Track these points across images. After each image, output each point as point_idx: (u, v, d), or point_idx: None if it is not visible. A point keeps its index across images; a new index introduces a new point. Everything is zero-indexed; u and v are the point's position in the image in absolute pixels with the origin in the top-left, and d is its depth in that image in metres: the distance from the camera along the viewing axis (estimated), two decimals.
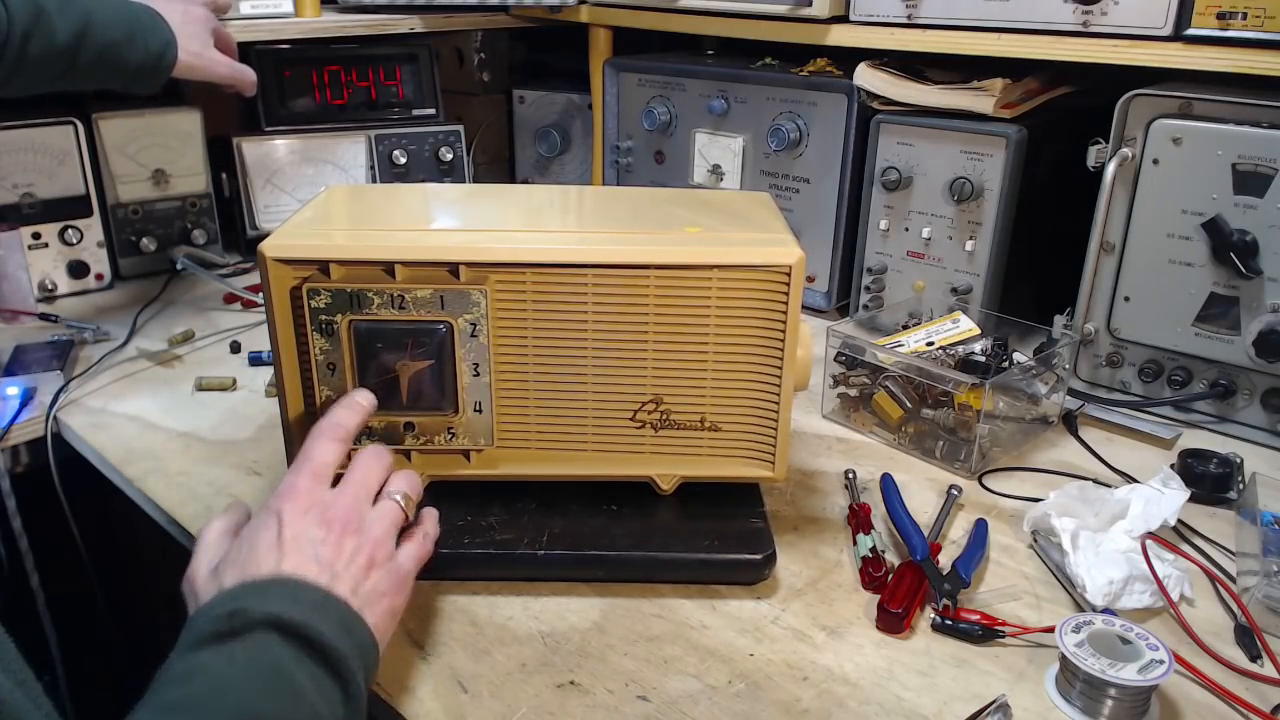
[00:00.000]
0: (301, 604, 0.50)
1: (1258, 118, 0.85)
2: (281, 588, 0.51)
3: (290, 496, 0.56)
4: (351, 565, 0.55)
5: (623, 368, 0.68)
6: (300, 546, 0.54)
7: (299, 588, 0.51)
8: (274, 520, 0.55)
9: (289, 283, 0.65)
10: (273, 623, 0.48)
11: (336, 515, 0.57)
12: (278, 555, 0.53)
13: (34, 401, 0.94)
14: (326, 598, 0.52)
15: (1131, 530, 0.71)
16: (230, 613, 0.48)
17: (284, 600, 0.50)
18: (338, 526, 0.56)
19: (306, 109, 1.39)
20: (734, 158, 1.24)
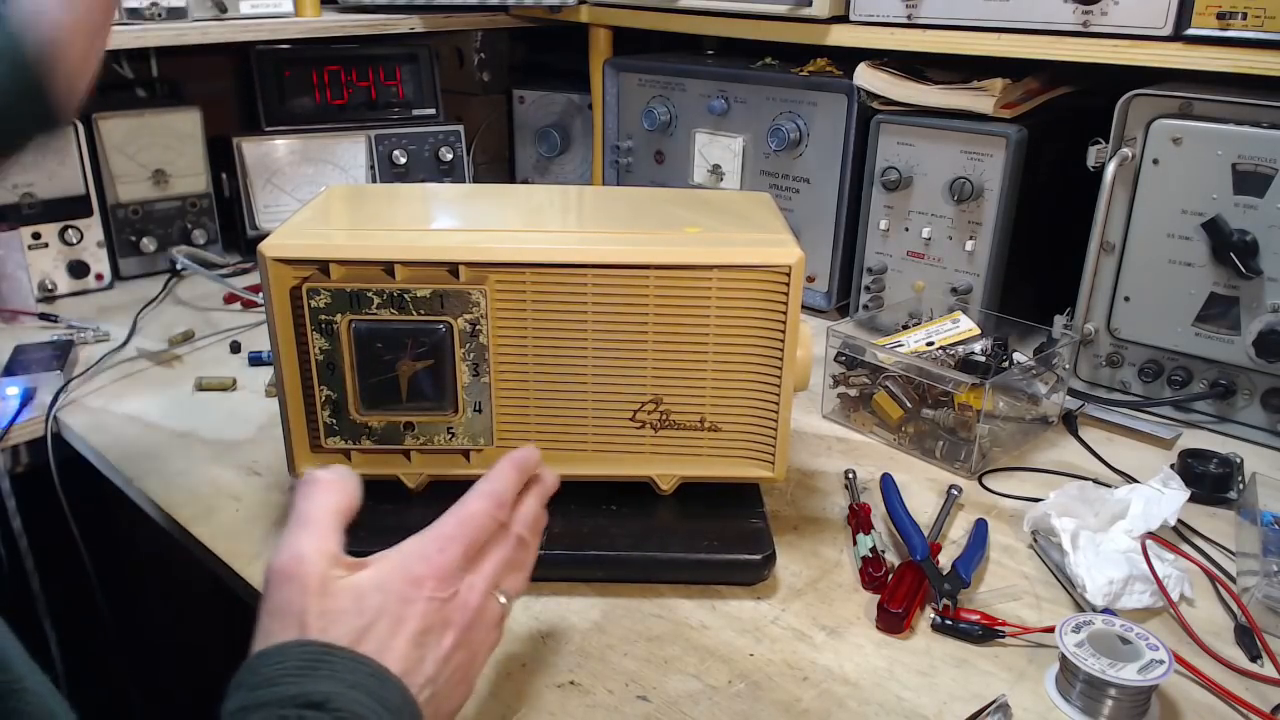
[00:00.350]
0: (385, 707, 0.43)
1: (1258, 118, 0.85)
2: (373, 679, 0.43)
3: (438, 562, 0.48)
4: (433, 670, 0.47)
5: (622, 368, 0.68)
6: (414, 642, 0.46)
7: (385, 682, 0.44)
8: (411, 590, 0.47)
9: (289, 283, 0.65)
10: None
11: (458, 617, 0.48)
12: (387, 635, 0.45)
13: (34, 401, 0.94)
14: (405, 703, 0.44)
15: (1131, 530, 0.71)
16: (316, 703, 0.41)
17: (369, 698, 0.42)
18: (454, 632, 0.48)
19: (306, 109, 1.40)
20: (734, 158, 1.24)
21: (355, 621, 0.45)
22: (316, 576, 0.45)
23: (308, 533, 0.47)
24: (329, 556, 0.46)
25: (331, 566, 0.46)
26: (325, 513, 0.48)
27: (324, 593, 0.45)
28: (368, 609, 0.45)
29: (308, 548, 0.46)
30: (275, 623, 0.44)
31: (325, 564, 0.46)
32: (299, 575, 0.45)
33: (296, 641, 0.43)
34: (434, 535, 0.49)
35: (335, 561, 0.46)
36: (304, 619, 0.44)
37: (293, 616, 0.44)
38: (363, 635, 0.44)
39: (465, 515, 0.51)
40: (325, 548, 0.46)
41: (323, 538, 0.47)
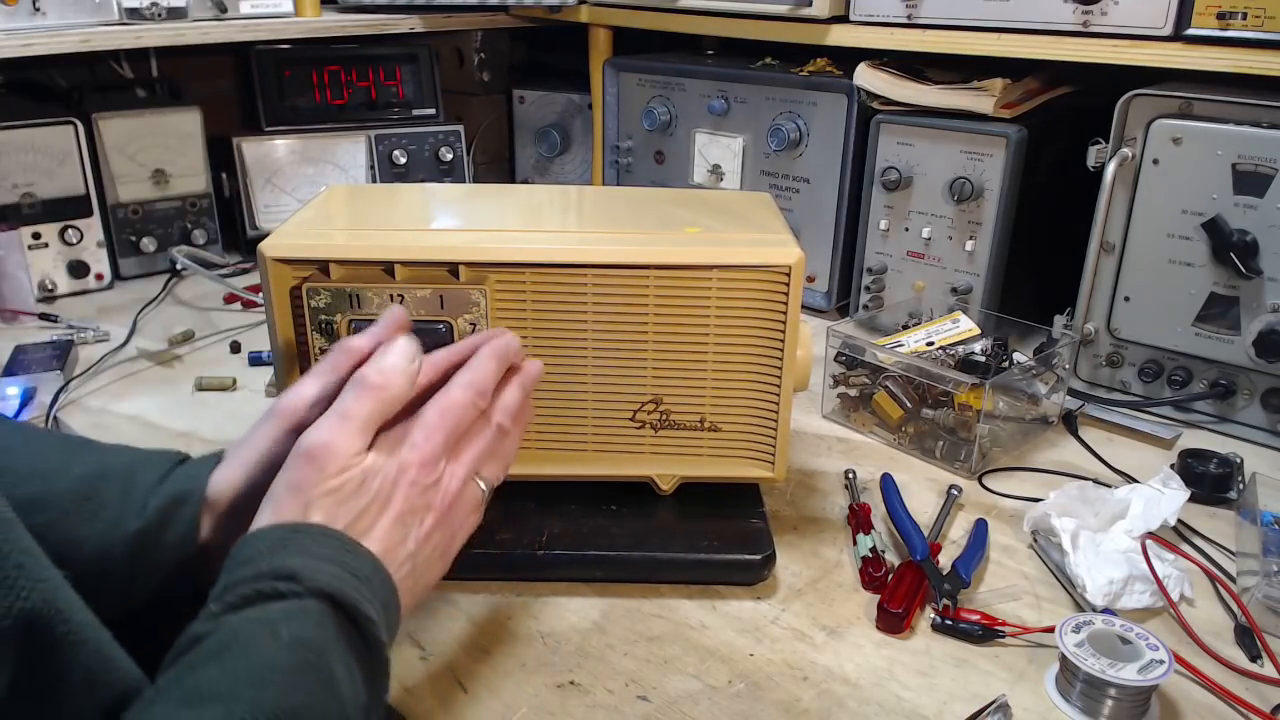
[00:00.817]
0: (354, 574, 0.47)
1: (1258, 118, 0.85)
2: (344, 551, 0.48)
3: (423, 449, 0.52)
4: (414, 546, 0.52)
5: (622, 368, 0.68)
6: (397, 522, 0.51)
7: (356, 554, 0.48)
8: (396, 469, 0.51)
9: (289, 283, 0.65)
10: (325, 595, 0.45)
11: (439, 501, 0.53)
12: (375, 515, 0.50)
13: (34, 401, 0.94)
14: (376, 572, 0.49)
15: (1131, 530, 0.71)
16: (286, 575, 0.44)
17: (339, 567, 0.46)
18: (435, 514, 0.53)
19: (306, 109, 1.40)
20: (734, 158, 1.24)
21: (355, 504, 0.50)
22: (337, 466, 0.50)
23: (346, 425, 0.51)
24: (354, 449, 0.50)
25: (351, 458, 0.50)
26: (365, 413, 0.51)
27: (337, 477, 0.50)
28: (365, 493, 0.50)
29: (340, 439, 0.50)
30: (288, 494, 0.49)
31: (348, 458, 0.50)
32: (322, 461, 0.49)
33: (270, 527, 0.48)
34: (420, 424, 0.53)
35: (357, 454, 0.51)
36: (312, 497, 0.49)
37: (303, 495, 0.49)
38: (358, 517, 0.50)
39: (446, 405, 0.54)
40: (353, 444, 0.50)
41: (355, 436, 0.51)
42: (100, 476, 0.55)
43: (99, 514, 0.53)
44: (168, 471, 0.56)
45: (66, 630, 0.40)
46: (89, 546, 0.52)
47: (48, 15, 1.09)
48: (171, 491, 0.55)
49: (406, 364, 0.54)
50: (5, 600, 0.38)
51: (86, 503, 0.54)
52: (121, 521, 0.53)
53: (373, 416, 0.52)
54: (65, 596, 0.41)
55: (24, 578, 0.39)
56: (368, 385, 0.52)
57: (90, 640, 0.41)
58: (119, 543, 0.53)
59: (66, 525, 0.53)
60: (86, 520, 0.53)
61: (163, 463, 0.57)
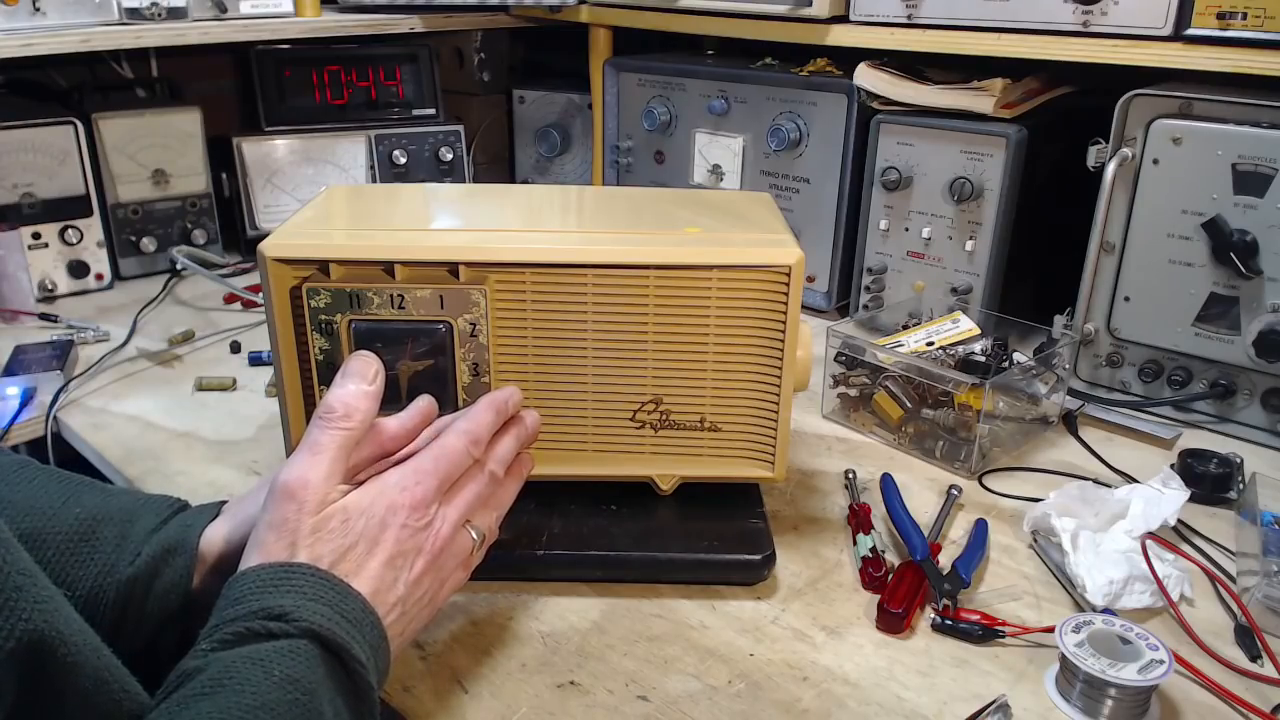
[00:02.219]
0: (345, 617, 0.47)
1: (1258, 118, 0.85)
2: (334, 592, 0.48)
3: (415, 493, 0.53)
4: (404, 590, 0.52)
5: (622, 368, 0.68)
6: (387, 564, 0.51)
7: (346, 596, 0.48)
8: (385, 509, 0.51)
9: (289, 283, 0.65)
10: (315, 636, 0.45)
11: (429, 545, 0.53)
12: (363, 556, 0.50)
13: (34, 401, 0.94)
14: (365, 614, 0.48)
15: (1131, 530, 0.71)
16: (278, 615, 0.45)
17: (329, 608, 0.46)
18: (425, 559, 0.53)
19: (306, 109, 1.40)
20: (734, 158, 1.24)
21: (340, 541, 0.50)
22: (316, 499, 0.50)
23: (317, 459, 0.51)
24: (331, 482, 0.51)
25: (330, 491, 0.51)
26: (335, 444, 0.52)
27: (318, 513, 0.50)
28: (351, 531, 0.50)
29: (314, 473, 0.50)
30: (271, 534, 0.49)
31: (326, 489, 0.50)
32: (300, 496, 0.50)
33: (261, 565, 0.48)
34: (412, 468, 0.54)
35: (334, 487, 0.51)
36: (296, 535, 0.49)
37: (287, 532, 0.49)
38: (343, 556, 0.50)
39: (440, 451, 0.55)
40: (331, 474, 0.51)
41: (329, 468, 0.51)
42: (98, 519, 0.55)
43: (94, 557, 0.53)
44: (165, 519, 0.56)
45: (67, 652, 0.40)
46: (81, 589, 0.52)
47: (48, 15, 1.09)
48: (166, 540, 0.55)
49: (365, 385, 0.54)
50: (7, 622, 0.38)
51: (83, 544, 0.54)
52: (115, 566, 0.53)
53: (343, 445, 0.52)
54: (65, 617, 0.41)
55: (24, 599, 0.39)
56: (332, 415, 0.52)
57: (89, 662, 0.41)
58: (110, 587, 0.53)
59: (61, 565, 0.53)
60: (82, 562, 0.53)
61: (161, 509, 0.57)
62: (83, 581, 0.53)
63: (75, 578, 0.53)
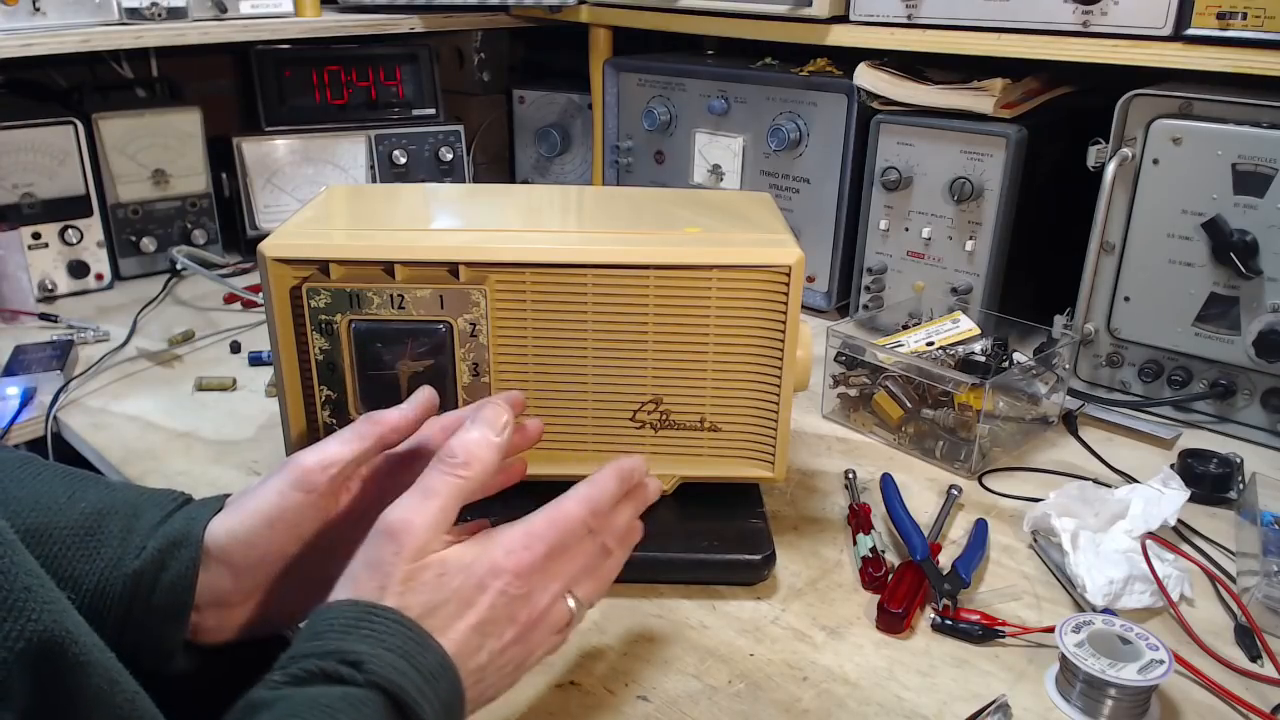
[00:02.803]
0: (419, 671, 0.45)
1: (1258, 118, 0.85)
2: (414, 643, 0.45)
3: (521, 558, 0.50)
4: (486, 659, 0.49)
5: (622, 368, 0.68)
6: (476, 629, 0.48)
7: (426, 648, 0.46)
8: (486, 571, 0.49)
9: (289, 283, 0.65)
10: (385, 691, 0.43)
11: (523, 615, 0.50)
12: (453, 615, 0.48)
13: (34, 401, 0.94)
14: (443, 670, 0.46)
15: (1131, 530, 0.71)
16: (352, 662, 0.43)
17: (405, 660, 0.45)
18: (515, 629, 0.50)
19: (306, 109, 1.40)
20: (734, 158, 1.24)
21: (431, 595, 0.47)
22: (415, 545, 0.48)
23: (427, 503, 0.49)
24: (436, 530, 0.49)
25: (433, 539, 0.48)
26: (449, 491, 0.50)
27: (416, 560, 0.48)
28: (445, 587, 0.48)
29: (420, 517, 0.48)
30: (365, 572, 0.48)
31: (428, 536, 0.48)
32: (401, 538, 0.48)
33: (348, 602, 0.46)
34: (523, 530, 0.51)
35: (438, 535, 0.49)
36: (389, 579, 0.47)
37: (381, 573, 0.47)
38: (433, 610, 0.47)
39: (558, 517, 0.52)
40: (437, 523, 0.49)
41: (438, 515, 0.49)
42: (103, 514, 0.54)
43: (99, 551, 0.53)
44: (170, 513, 0.56)
45: (78, 652, 0.40)
46: (87, 583, 0.52)
47: (48, 15, 1.09)
48: (170, 534, 0.54)
49: (493, 437, 0.52)
50: (17, 624, 0.38)
51: (89, 539, 0.53)
52: (121, 561, 0.53)
53: (456, 494, 0.50)
54: (73, 619, 0.40)
55: (33, 600, 0.38)
56: (453, 460, 0.50)
57: (98, 662, 0.41)
58: (116, 581, 0.52)
59: (67, 560, 0.52)
60: (87, 557, 0.53)
61: (166, 503, 0.56)
62: (89, 576, 0.52)
63: (81, 572, 0.52)
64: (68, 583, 0.51)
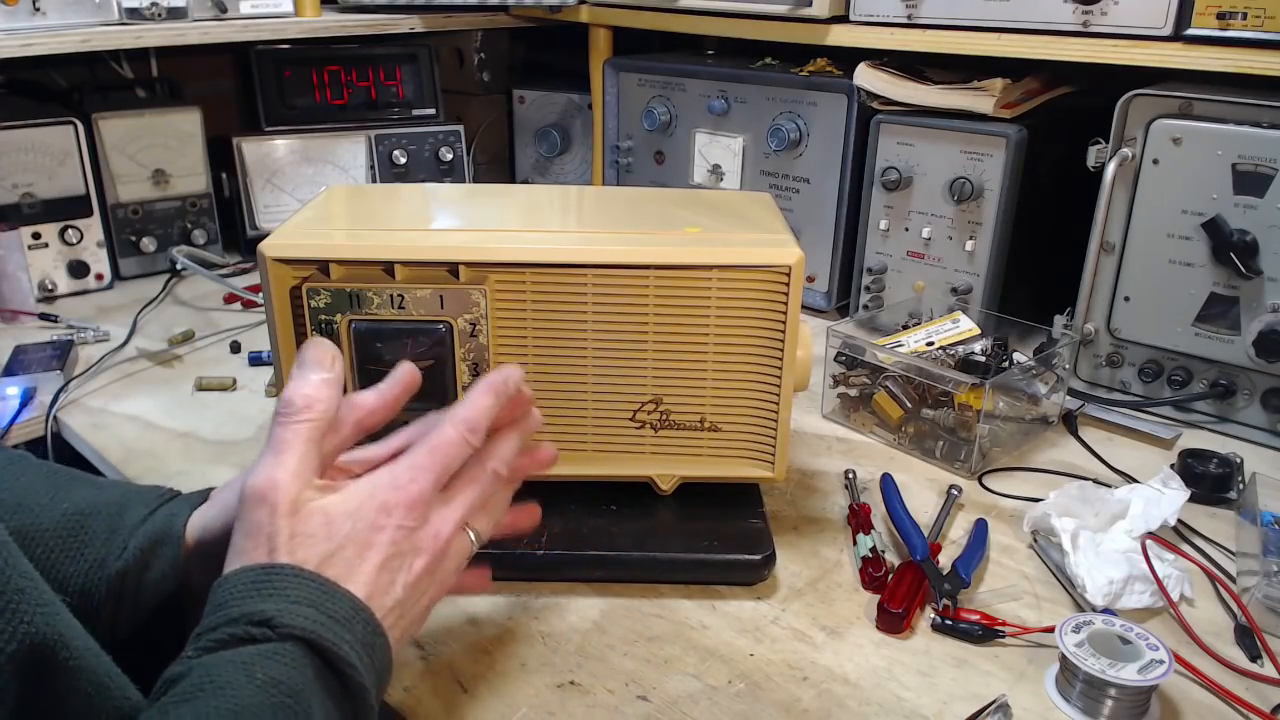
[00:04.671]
0: (331, 617, 0.45)
1: (1258, 118, 0.85)
2: (319, 592, 0.45)
3: (410, 490, 0.49)
4: (402, 594, 0.49)
5: (622, 368, 0.68)
6: (382, 567, 0.48)
7: (333, 595, 0.46)
8: (378, 509, 0.49)
9: (289, 282, 0.65)
10: (301, 639, 0.43)
11: (429, 544, 0.50)
12: (353, 559, 0.47)
13: (34, 401, 0.94)
14: (356, 612, 0.46)
15: (1131, 530, 0.71)
16: (260, 620, 0.43)
17: (315, 610, 0.44)
18: (425, 559, 0.50)
19: (306, 109, 1.40)
20: (734, 158, 1.24)
21: (323, 546, 0.47)
22: (288, 500, 0.47)
23: (282, 458, 0.48)
24: (302, 479, 0.48)
25: (303, 489, 0.48)
26: (300, 439, 0.49)
27: (294, 514, 0.47)
28: (336, 534, 0.47)
29: (281, 473, 0.47)
30: (248, 541, 0.47)
31: (297, 487, 0.47)
32: (271, 498, 0.47)
33: (243, 568, 0.45)
34: (406, 464, 0.51)
35: (307, 484, 0.48)
36: (274, 540, 0.46)
37: (264, 537, 0.46)
38: (329, 559, 0.47)
39: (436, 443, 0.52)
40: (300, 473, 0.48)
41: (298, 464, 0.48)
42: (87, 513, 0.54)
43: (84, 551, 0.52)
44: (152, 510, 0.55)
45: (68, 655, 0.39)
46: (73, 584, 0.52)
47: (48, 15, 1.09)
48: (152, 531, 0.53)
49: (324, 373, 0.51)
50: (9, 626, 0.37)
51: (73, 539, 0.53)
52: (105, 560, 0.52)
53: (308, 439, 0.49)
54: (66, 621, 0.40)
55: (25, 602, 0.38)
56: (291, 409, 0.49)
57: (89, 666, 0.41)
58: (102, 582, 0.52)
59: (52, 561, 0.52)
60: (72, 557, 0.52)
61: (150, 500, 0.56)
62: (74, 577, 0.52)
63: (67, 574, 0.52)
64: (55, 585, 0.50)
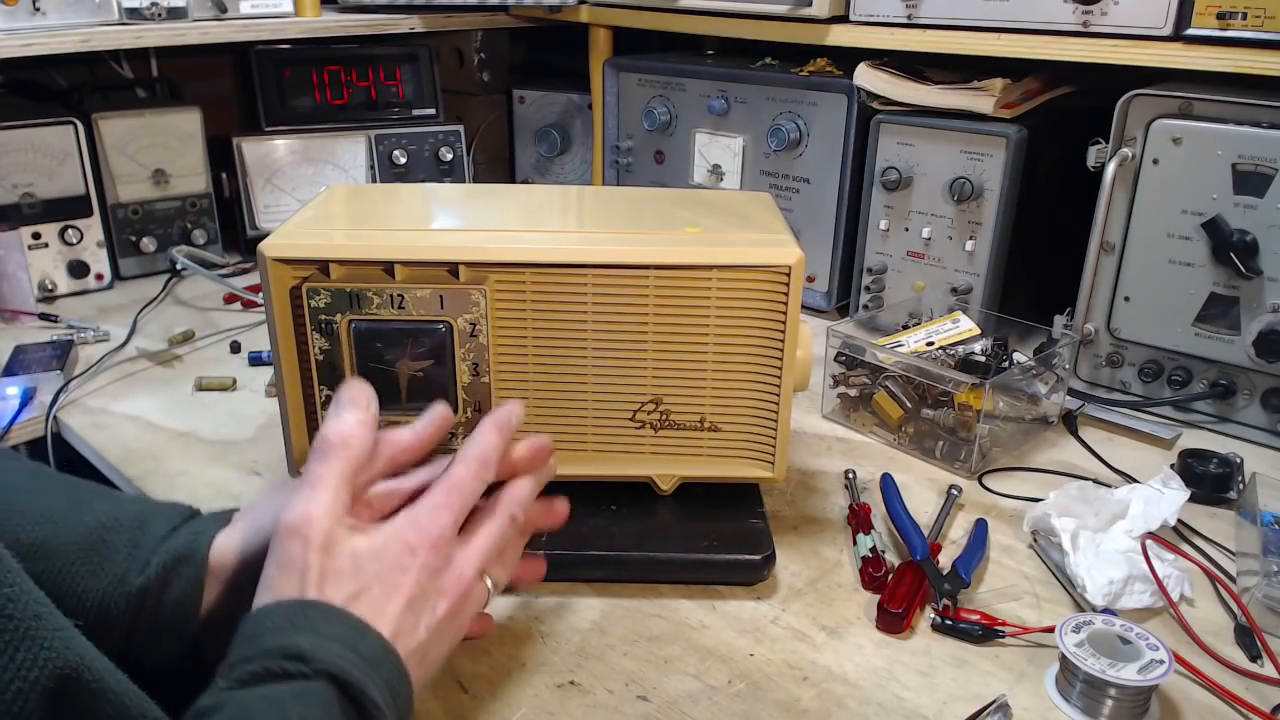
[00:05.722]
0: (362, 657, 0.45)
1: (1258, 118, 0.85)
2: (351, 631, 0.46)
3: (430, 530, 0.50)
4: (425, 636, 0.49)
5: (622, 368, 0.68)
6: (408, 608, 0.48)
7: (364, 635, 0.46)
8: (402, 549, 0.49)
9: (289, 283, 0.65)
10: (333, 678, 0.43)
11: (452, 586, 0.51)
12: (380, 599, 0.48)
13: (34, 401, 0.94)
14: (385, 654, 0.46)
15: (1131, 530, 0.71)
16: (296, 655, 0.43)
17: (346, 649, 0.45)
18: (448, 602, 0.50)
19: (306, 109, 1.40)
20: (734, 158, 1.24)
21: (351, 584, 0.47)
22: (321, 536, 0.48)
23: (317, 493, 0.49)
24: (335, 517, 0.49)
25: (336, 526, 0.48)
26: (335, 475, 0.50)
27: (326, 551, 0.48)
28: (363, 574, 0.48)
29: (315, 508, 0.48)
30: (280, 574, 0.47)
31: (330, 523, 0.48)
32: (304, 532, 0.47)
33: (279, 602, 0.46)
34: (425, 505, 0.52)
35: (340, 521, 0.49)
36: (305, 575, 0.47)
37: (296, 571, 0.47)
38: (357, 598, 0.47)
39: (451, 483, 0.53)
40: (333, 509, 0.49)
41: (332, 500, 0.49)
42: (109, 527, 0.53)
43: (104, 567, 0.52)
44: (175, 527, 0.55)
45: (91, 679, 0.39)
46: (91, 600, 0.51)
47: (48, 15, 1.09)
48: (175, 549, 0.53)
49: (360, 413, 0.52)
50: (30, 652, 0.37)
51: (94, 553, 0.52)
52: (126, 577, 0.52)
53: (343, 475, 0.50)
54: (83, 645, 0.40)
55: (43, 628, 0.38)
56: (327, 446, 0.50)
57: (110, 687, 0.41)
58: (122, 598, 0.51)
59: (71, 575, 0.51)
60: (92, 572, 0.52)
61: (172, 517, 0.56)
62: (93, 592, 0.51)
63: (86, 588, 0.51)
64: (71, 598, 0.50)
